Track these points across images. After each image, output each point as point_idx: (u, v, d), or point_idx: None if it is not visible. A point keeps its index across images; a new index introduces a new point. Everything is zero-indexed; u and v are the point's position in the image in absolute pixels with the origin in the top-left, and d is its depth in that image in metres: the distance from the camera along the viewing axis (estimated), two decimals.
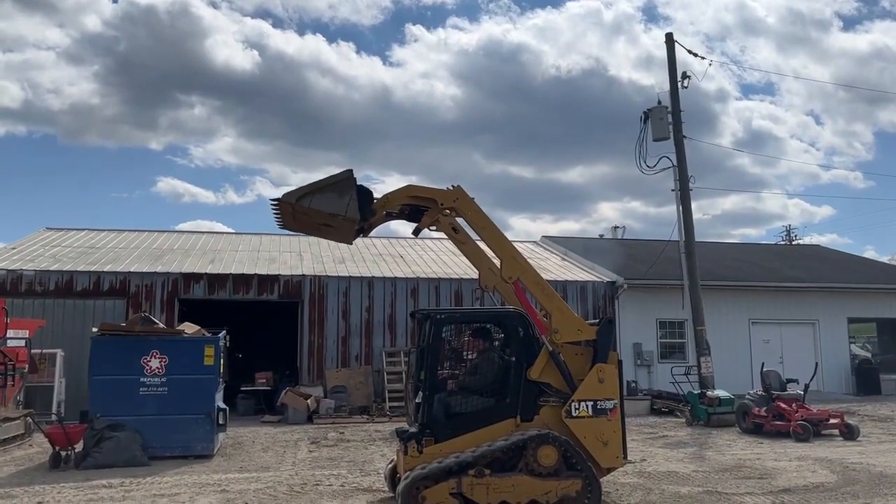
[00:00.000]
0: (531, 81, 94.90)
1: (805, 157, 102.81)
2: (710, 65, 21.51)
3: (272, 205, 7.54)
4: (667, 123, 19.27)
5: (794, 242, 53.99)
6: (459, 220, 8.02)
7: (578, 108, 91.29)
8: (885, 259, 43.58)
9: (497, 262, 8.01)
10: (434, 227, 8.04)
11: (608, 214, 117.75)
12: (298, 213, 7.52)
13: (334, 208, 7.11)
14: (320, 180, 7.37)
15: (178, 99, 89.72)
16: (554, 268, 23.38)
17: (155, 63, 79.38)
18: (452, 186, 7.97)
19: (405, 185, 8.06)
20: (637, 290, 21.54)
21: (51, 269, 18.60)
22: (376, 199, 7.79)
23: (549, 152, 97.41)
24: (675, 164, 19.38)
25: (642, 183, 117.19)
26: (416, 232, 8.37)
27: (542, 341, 7.72)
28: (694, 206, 19.41)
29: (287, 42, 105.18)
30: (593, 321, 8.09)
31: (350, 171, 7.40)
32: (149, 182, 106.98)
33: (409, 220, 8.23)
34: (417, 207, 7.99)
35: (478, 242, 8.12)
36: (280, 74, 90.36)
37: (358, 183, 7.50)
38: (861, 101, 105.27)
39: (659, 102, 19.64)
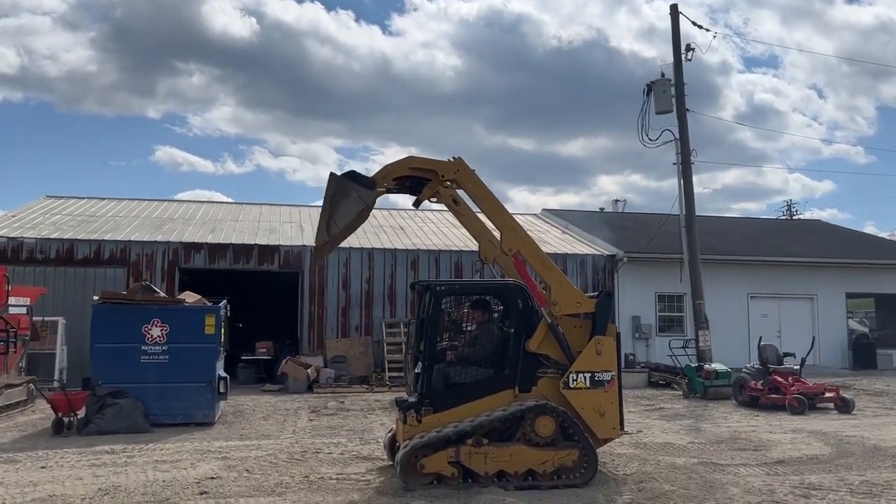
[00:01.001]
0: (532, 52, 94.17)
1: (807, 132, 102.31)
2: (714, 37, 21.21)
3: (312, 252, 7.83)
4: (670, 96, 19.16)
5: (794, 217, 53.95)
6: (460, 192, 8.01)
7: (579, 80, 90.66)
8: (885, 235, 43.57)
9: (497, 234, 8.02)
10: (434, 199, 8.04)
11: (608, 188, 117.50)
12: (334, 239, 7.76)
13: (354, 208, 7.32)
14: (324, 205, 7.56)
15: (177, 67, 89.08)
16: (554, 241, 23.40)
17: (152, 30, 78.69)
18: (453, 158, 7.95)
19: (405, 156, 8.05)
20: (636, 264, 21.58)
21: (51, 237, 18.62)
22: (377, 171, 7.83)
23: (549, 125, 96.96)
24: (678, 137, 19.29)
25: (643, 156, 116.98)
26: (417, 204, 8.38)
27: (540, 313, 7.75)
28: (694, 179, 19.37)
29: (285, 10, 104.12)
30: (592, 294, 8.12)
31: (332, 174, 7.58)
32: (147, 151, 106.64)
33: (410, 192, 8.23)
34: (418, 179, 7.98)
35: (478, 214, 8.12)
36: (279, 43, 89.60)
37: (340, 173, 7.71)
38: (864, 75, 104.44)
39: (662, 75, 19.50)
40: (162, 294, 13.43)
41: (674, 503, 6.64)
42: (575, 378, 7.51)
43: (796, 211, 57.98)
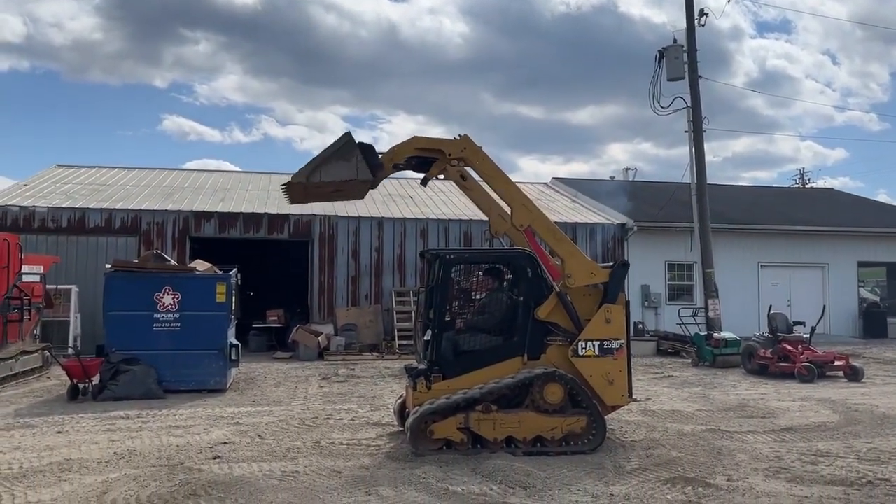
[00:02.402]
0: (540, 18, 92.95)
1: (820, 99, 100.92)
2: (728, 1, 20.86)
3: (282, 188, 7.59)
4: (682, 63, 18.93)
5: (806, 186, 53.42)
6: (468, 168, 7.95)
7: (589, 46, 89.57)
8: None
9: (506, 208, 7.97)
10: (442, 177, 7.98)
11: (618, 156, 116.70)
12: (311, 187, 7.53)
13: (346, 174, 7.09)
14: (322, 152, 7.34)
15: (182, 34, 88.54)
16: (564, 209, 23.31)
17: None
18: (459, 136, 7.87)
19: (411, 136, 7.97)
20: (647, 233, 21.50)
21: (63, 205, 18.71)
22: (382, 152, 7.70)
23: (558, 92, 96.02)
24: (689, 104, 19.09)
25: (653, 124, 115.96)
26: (425, 182, 8.32)
27: (550, 282, 7.78)
28: (705, 147, 19.20)
29: None
30: (607, 264, 8.11)
31: (349, 133, 7.36)
32: (154, 120, 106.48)
33: (417, 170, 8.15)
34: (425, 158, 7.91)
35: (486, 190, 8.08)
36: (284, 10, 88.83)
37: (357, 141, 7.49)
38: (878, 40, 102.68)
39: (674, 41, 19.24)
40: (173, 262, 13.52)
41: (681, 469, 6.69)
42: (584, 346, 7.53)
43: (809, 179, 57.37)
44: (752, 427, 8.82)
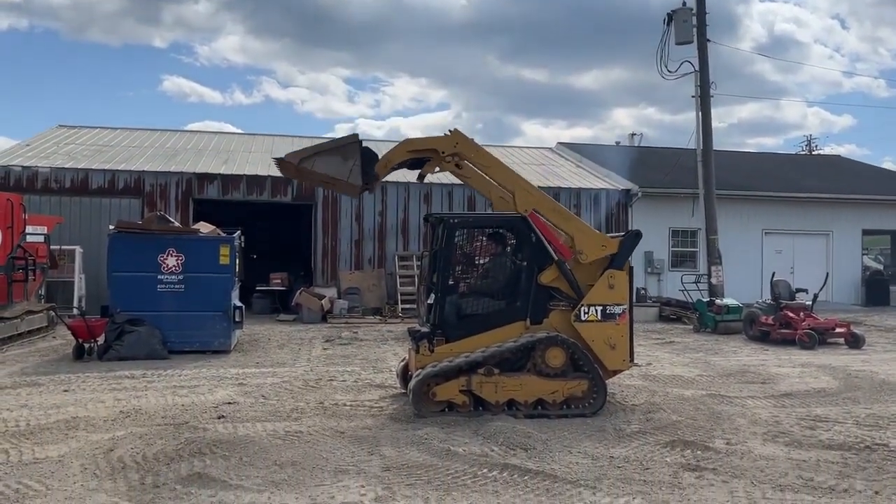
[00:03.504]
0: None
1: (829, 64, 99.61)
2: None
3: (274, 161, 7.52)
4: (691, 26, 18.66)
5: (814, 153, 53.01)
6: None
7: (594, 9, 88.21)
8: None
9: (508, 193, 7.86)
10: (438, 169, 7.88)
11: (622, 121, 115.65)
12: (303, 171, 7.48)
13: (337, 172, 6.99)
14: (325, 142, 7.29)
15: None
16: (568, 175, 23.20)
17: None
18: (450, 131, 7.79)
19: (403, 140, 7.83)
20: (651, 199, 21.42)
21: (66, 166, 18.67)
22: (379, 160, 7.58)
23: (562, 55, 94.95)
24: (697, 68, 18.86)
25: (658, 89, 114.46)
26: (420, 178, 8.24)
27: (552, 247, 7.81)
28: (712, 113, 19.03)
29: None
30: (617, 234, 8.09)
31: (356, 136, 7.28)
32: (154, 81, 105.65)
33: (412, 168, 8.07)
34: (419, 158, 7.84)
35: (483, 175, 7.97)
36: None
37: (363, 144, 7.43)
38: (889, 4, 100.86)
39: (683, 4, 18.94)
40: (176, 224, 13.53)
41: (681, 433, 6.75)
42: (586, 311, 7.55)
43: (816, 146, 56.89)
44: (752, 392, 8.88)
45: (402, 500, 4.87)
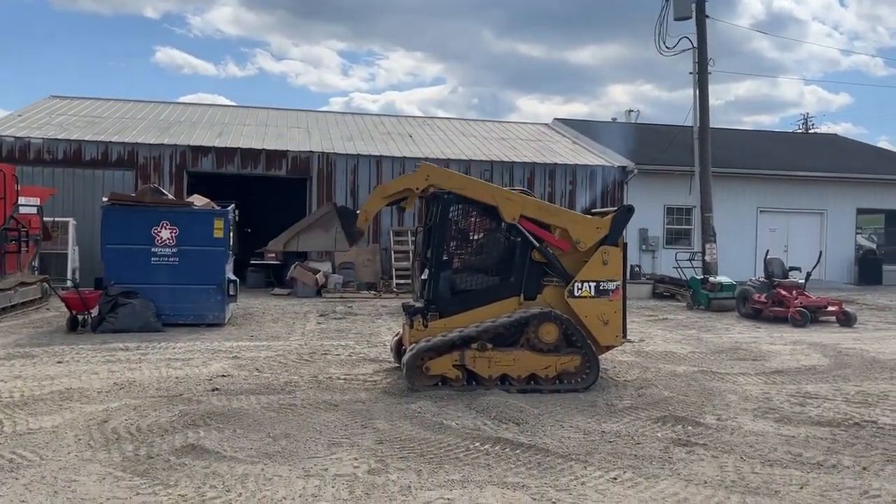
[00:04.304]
0: None
1: (827, 42, 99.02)
2: None
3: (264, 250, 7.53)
4: (689, 1, 18.48)
5: (810, 131, 52.90)
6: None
7: None
8: None
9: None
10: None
11: (619, 97, 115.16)
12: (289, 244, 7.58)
13: (323, 245, 7.11)
14: (303, 221, 7.33)
15: None
16: (565, 151, 23.13)
17: None
18: (417, 166, 7.72)
19: (375, 188, 7.78)
20: (646, 176, 21.40)
21: (58, 137, 18.52)
22: (359, 217, 7.64)
23: (559, 30, 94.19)
24: (695, 45, 18.73)
25: (655, 65, 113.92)
26: (403, 210, 8.23)
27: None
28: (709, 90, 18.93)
29: None
30: (608, 210, 8.09)
31: (333, 204, 7.35)
32: (146, 52, 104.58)
33: (393, 205, 8.09)
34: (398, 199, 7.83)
35: None
36: None
37: (339, 205, 7.48)
38: None
39: None
40: (170, 197, 13.46)
41: (672, 408, 6.81)
42: (580, 287, 7.57)
43: (812, 125, 56.77)
44: (744, 369, 8.95)
45: (395, 472, 4.91)
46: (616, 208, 8.04)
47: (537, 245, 7.59)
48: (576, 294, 7.57)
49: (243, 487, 4.57)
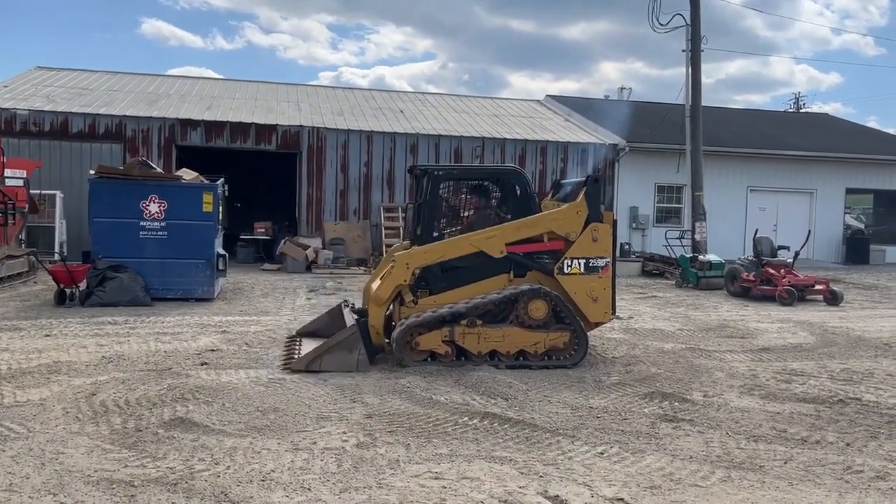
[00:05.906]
0: None
1: (819, 20, 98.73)
2: None
3: (282, 368, 7.28)
4: None
5: (802, 111, 52.91)
6: None
7: None
8: (890, 130, 42.91)
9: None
10: None
11: (610, 75, 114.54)
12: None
13: (346, 366, 7.10)
14: (328, 341, 7.24)
15: None
16: (556, 129, 23.06)
17: None
18: (393, 261, 7.55)
19: (370, 300, 7.62)
20: (637, 154, 21.38)
21: (45, 109, 18.28)
22: (369, 331, 7.49)
23: (550, 6, 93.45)
24: (689, 23, 18.64)
25: (646, 43, 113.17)
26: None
27: (537, 200, 7.90)
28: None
29: None
30: (576, 179, 8.06)
31: (356, 328, 7.29)
32: (132, 23, 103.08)
33: None
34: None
35: None
36: None
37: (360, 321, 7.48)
38: None
39: None
40: (159, 170, 13.35)
41: (659, 385, 6.86)
42: (570, 264, 7.58)
43: (804, 104, 56.77)
44: (731, 347, 9.02)
45: (384, 446, 4.94)
46: (583, 179, 7.93)
47: (535, 266, 7.60)
48: (565, 271, 7.58)
49: (232, 460, 4.59)
